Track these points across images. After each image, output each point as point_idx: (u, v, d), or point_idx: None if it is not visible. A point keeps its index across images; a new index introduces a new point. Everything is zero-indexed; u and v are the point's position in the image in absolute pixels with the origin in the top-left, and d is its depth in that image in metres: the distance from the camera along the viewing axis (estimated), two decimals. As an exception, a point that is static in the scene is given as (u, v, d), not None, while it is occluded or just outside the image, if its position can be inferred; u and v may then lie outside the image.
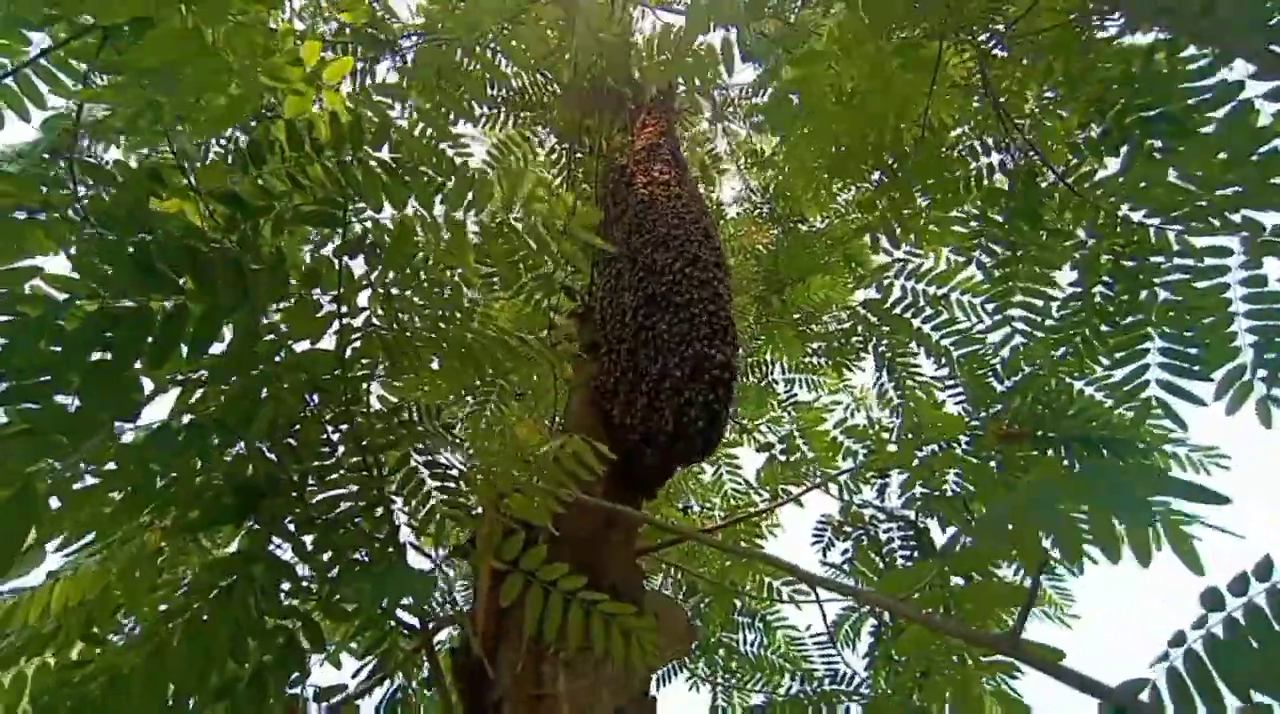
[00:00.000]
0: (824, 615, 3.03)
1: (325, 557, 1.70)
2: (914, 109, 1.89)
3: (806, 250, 4.67)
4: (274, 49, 1.76)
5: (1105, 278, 2.04)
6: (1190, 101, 1.70)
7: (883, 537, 3.77)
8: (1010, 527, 1.04)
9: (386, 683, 2.68)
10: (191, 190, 1.49)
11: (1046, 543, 1.09)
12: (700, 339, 2.52)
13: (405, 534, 1.81)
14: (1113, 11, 1.80)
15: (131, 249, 1.32)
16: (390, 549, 1.70)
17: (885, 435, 3.89)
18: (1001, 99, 2.30)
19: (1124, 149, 2.01)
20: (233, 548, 1.78)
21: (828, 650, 3.82)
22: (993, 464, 3.08)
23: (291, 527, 1.72)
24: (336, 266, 1.68)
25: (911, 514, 3.65)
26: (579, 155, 4.04)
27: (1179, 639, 1.13)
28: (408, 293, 1.83)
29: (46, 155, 1.58)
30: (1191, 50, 1.71)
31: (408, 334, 1.79)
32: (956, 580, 2.58)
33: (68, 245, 1.50)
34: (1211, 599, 1.13)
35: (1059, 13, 1.95)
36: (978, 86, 2.26)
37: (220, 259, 1.37)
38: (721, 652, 4.24)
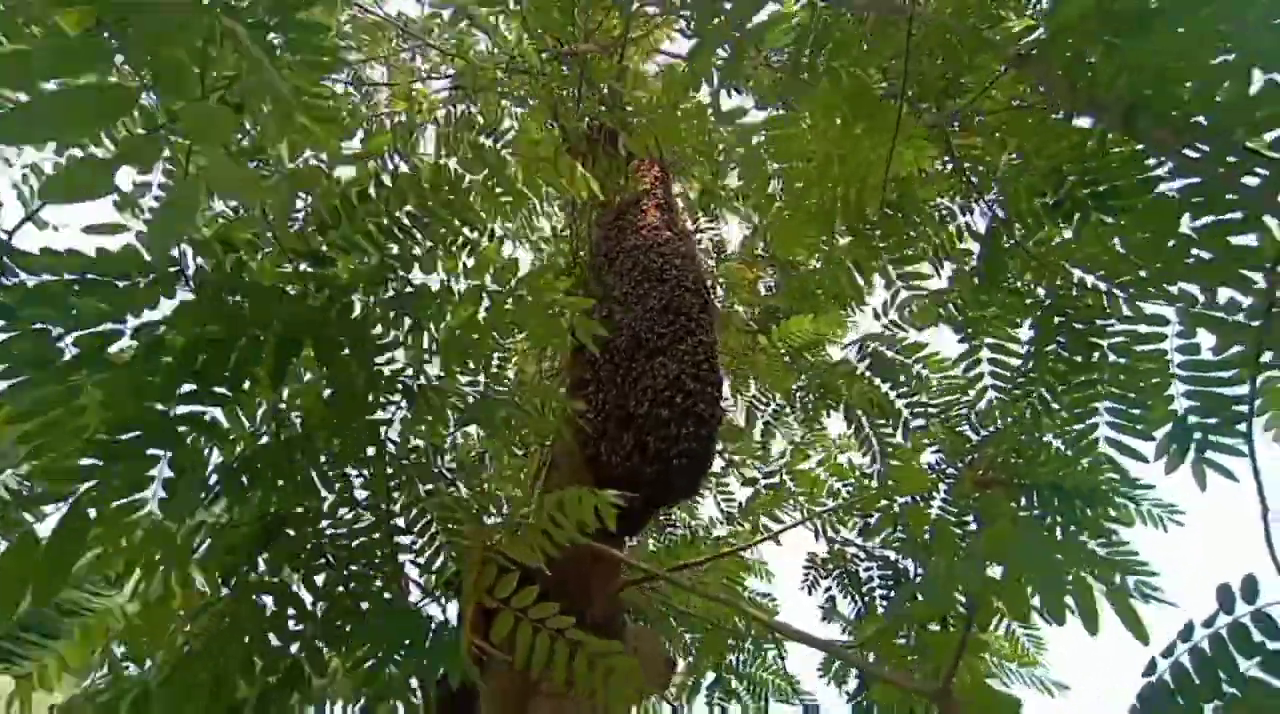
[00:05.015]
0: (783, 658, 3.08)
1: (330, 588, 1.81)
2: (879, 171, 2.06)
3: (798, 289, 4.85)
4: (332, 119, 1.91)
5: (1058, 338, 2.19)
6: (1119, 183, 1.89)
7: (863, 575, 3.88)
8: (943, 588, 1.16)
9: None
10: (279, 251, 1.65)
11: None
12: (686, 386, 2.66)
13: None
14: (1054, 102, 1.98)
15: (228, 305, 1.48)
16: (395, 585, 1.80)
17: (865, 479, 4.01)
18: (974, 163, 2.48)
19: (1076, 217, 2.18)
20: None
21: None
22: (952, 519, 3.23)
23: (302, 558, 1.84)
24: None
25: (891, 555, 3.77)
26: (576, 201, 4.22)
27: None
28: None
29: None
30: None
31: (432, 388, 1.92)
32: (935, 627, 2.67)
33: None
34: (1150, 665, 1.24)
35: (1005, 98, 2.15)
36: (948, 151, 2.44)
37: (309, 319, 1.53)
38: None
